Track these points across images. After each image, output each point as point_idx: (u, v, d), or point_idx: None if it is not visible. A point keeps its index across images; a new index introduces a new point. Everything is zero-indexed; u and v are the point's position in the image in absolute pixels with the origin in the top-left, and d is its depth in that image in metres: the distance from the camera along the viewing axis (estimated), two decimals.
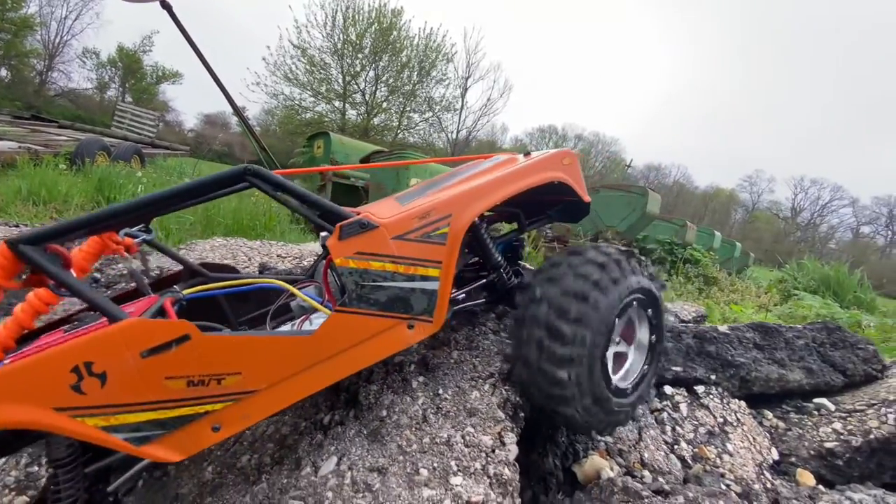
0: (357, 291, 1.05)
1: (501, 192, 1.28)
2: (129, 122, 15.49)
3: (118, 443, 0.88)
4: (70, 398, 0.84)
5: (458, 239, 1.15)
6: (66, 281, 0.91)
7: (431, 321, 1.12)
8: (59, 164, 7.36)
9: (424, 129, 25.88)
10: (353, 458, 1.10)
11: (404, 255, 1.09)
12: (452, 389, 1.23)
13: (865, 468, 1.72)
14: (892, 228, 44.44)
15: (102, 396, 0.86)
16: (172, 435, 0.92)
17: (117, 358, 0.86)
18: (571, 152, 1.57)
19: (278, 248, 3.73)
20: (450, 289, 1.15)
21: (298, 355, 1.00)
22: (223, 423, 0.96)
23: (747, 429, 1.89)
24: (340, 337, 1.04)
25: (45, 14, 25.56)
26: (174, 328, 0.91)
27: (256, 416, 1.00)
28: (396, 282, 1.08)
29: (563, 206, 1.75)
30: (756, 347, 2.11)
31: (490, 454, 1.04)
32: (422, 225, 1.12)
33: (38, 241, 0.90)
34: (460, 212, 1.18)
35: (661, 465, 1.57)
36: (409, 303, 1.09)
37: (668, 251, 9.41)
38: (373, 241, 1.07)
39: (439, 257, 1.13)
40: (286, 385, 1.00)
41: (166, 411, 0.91)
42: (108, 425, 0.87)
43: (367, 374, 1.42)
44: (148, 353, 0.88)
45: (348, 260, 1.05)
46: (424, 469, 1.01)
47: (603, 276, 1.20)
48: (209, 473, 1.37)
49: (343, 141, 11.01)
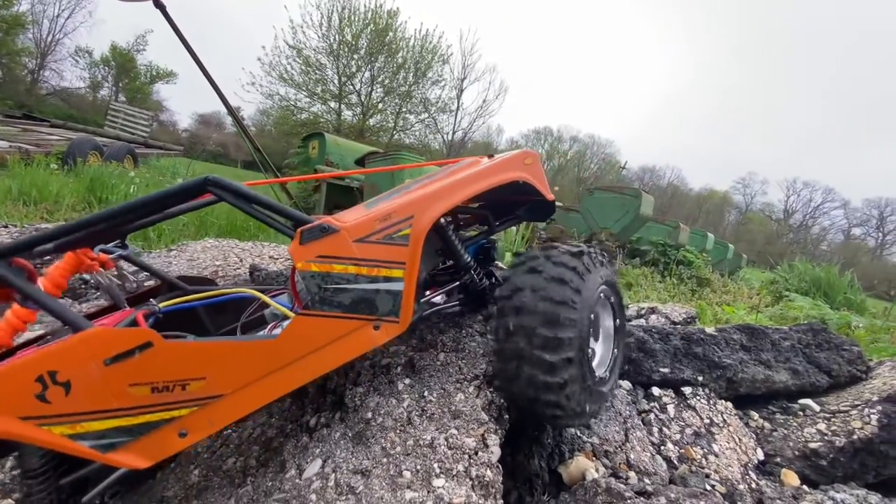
0: (320, 294, 1.05)
1: (463, 193, 1.29)
2: (122, 122, 15.39)
3: (84, 450, 0.88)
4: (35, 407, 0.85)
5: (420, 240, 1.16)
6: (30, 293, 0.92)
7: (398, 321, 1.12)
8: (50, 163, 7.31)
9: (420, 131, 25.91)
10: (337, 461, 1.10)
11: (367, 257, 1.09)
12: (437, 392, 1.23)
13: (849, 468, 1.74)
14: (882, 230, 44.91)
15: (67, 405, 0.86)
16: (139, 441, 0.92)
17: (81, 366, 0.87)
18: (533, 152, 1.59)
19: (270, 250, 3.72)
20: (414, 289, 1.15)
21: (263, 359, 1.00)
22: (189, 429, 0.96)
23: (733, 429, 1.90)
24: (305, 340, 1.04)
25: (36, 12, 25.38)
26: (136, 336, 0.91)
27: (222, 421, 1.00)
28: (360, 283, 1.08)
29: (530, 206, 1.78)
30: (743, 349, 2.13)
31: (473, 456, 1.04)
32: (383, 227, 1.13)
33: (4, 256, 0.92)
34: (421, 213, 1.18)
35: (646, 466, 1.58)
36: (374, 304, 1.10)
37: (661, 252, 9.46)
38: (334, 245, 1.07)
39: (402, 258, 1.13)
40: (252, 389, 1.00)
41: (131, 418, 0.91)
42: (74, 433, 0.88)
43: (354, 376, 1.42)
44: (111, 361, 0.88)
45: (310, 264, 1.05)
46: (407, 471, 1.01)
47: (579, 265, 1.23)
48: (195, 476, 1.37)
49: (338, 142, 11.00)
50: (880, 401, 1.83)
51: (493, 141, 36.79)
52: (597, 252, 1.37)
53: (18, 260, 0.94)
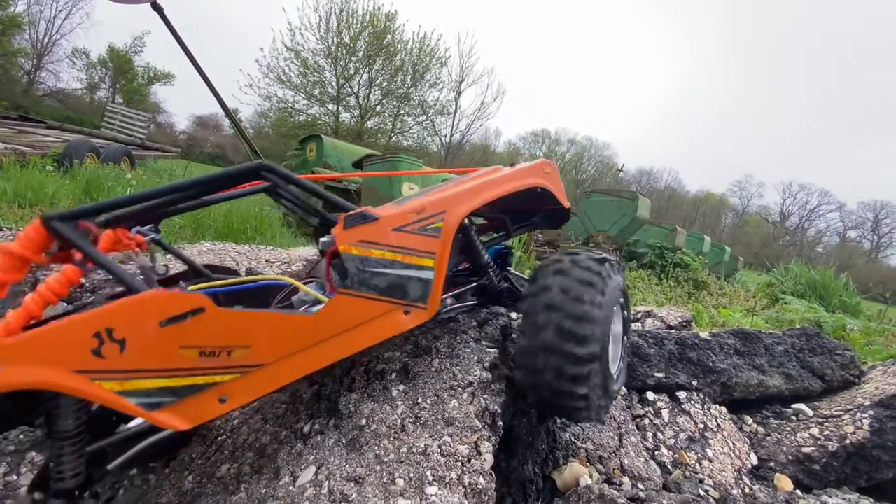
0: (359, 276, 1.12)
1: (489, 193, 1.41)
2: (119, 124, 15.35)
3: (131, 407, 0.92)
4: (90, 361, 0.88)
5: (451, 232, 1.26)
6: (93, 255, 0.96)
7: (426, 308, 1.20)
8: (46, 165, 7.27)
9: (418, 133, 25.94)
10: (331, 468, 1.10)
11: (402, 245, 1.18)
12: (432, 398, 1.24)
13: (841, 473, 1.75)
14: (878, 233, 45.13)
15: (120, 361, 0.90)
16: (182, 403, 0.96)
17: (137, 325, 0.92)
18: (552, 162, 1.70)
19: (266, 253, 3.71)
20: (443, 280, 1.23)
21: (303, 333, 1.07)
22: (230, 395, 1.00)
23: (727, 434, 1.91)
24: (342, 318, 1.11)
25: (33, 13, 25.31)
26: (191, 300, 0.96)
27: (261, 390, 1.05)
28: (395, 269, 1.17)
29: (545, 213, 1.87)
30: (737, 353, 2.15)
31: (466, 464, 1.04)
32: (418, 219, 1.23)
33: (71, 219, 0.96)
34: (452, 208, 1.29)
35: (640, 472, 1.58)
36: (406, 290, 1.18)
37: (658, 255, 9.50)
38: (374, 231, 1.16)
39: (434, 249, 1.22)
40: (290, 361, 1.05)
41: (178, 379, 0.95)
42: (123, 390, 0.91)
43: (348, 382, 1.43)
44: (166, 322, 0.93)
45: (351, 247, 1.13)
46: (401, 479, 1.01)
47: (603, 270, 1.32)
48: (189, 483, 1.37)
49: (335, 144, 11.01)
50: (872, 405, 1.85)
51: (491, 143, 36.88)
52: (615, 261, 1.44)
53: (85, 223, 0.97)
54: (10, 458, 1.55)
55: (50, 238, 0.95)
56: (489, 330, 1.61)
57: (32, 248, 0.95)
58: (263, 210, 6.61)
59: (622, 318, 1.54)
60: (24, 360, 0.85)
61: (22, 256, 0.95)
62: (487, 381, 1.31)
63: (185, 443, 1.57)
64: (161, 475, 1.49)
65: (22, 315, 1.04)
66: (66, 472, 1.00)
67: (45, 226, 0.94)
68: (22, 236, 0.96)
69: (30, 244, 0.95)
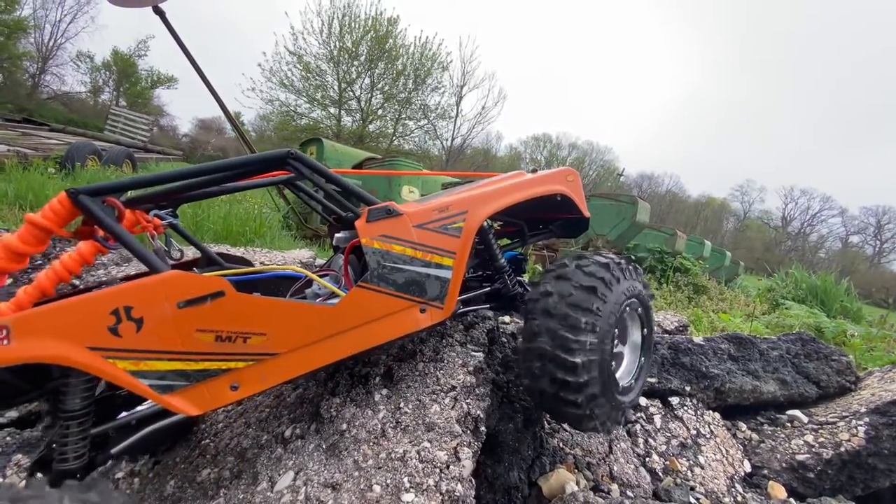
0: (378, 270, 1.12)
1: (511, 197, 1.40)
2: (122, 126, 15.43)
3: (143, 388, 0.91)
4: (106, 339, 0.88)
5: (472, 233, 1.26)
6: (117, 232, 0.95)
7: (442, 307, 1.20)
8: (48, 167, 7.29)
9: (419, 137, 25.96)
10: (309, 473, 1.08)
11: (423, 242, 1.19)
12: (413, 403, 1.22)
13: (837, 481, 1.72)
14: (880, 238, 44.88)
15: (136, 341, 0.90)
16: (194, 388, 0.95)
17: (156, 305, 0.91)
18: (574, 171, 1.68)
19: (262, 256, 3.69)
20: (461, 280, 1.23)
21: (320, 324, 1.06)
22: (241, 383, 0.99)
23: (720, 441, 1.89)
24: (360, 311, 1.11)
25: (38, 17, 25.46)
26: (211, 283, 0.95)
27: (273, 380, 1.04)
28: (414, 266, 1.17)
29: (563, 222, 1.85)
30: (731, 359, 2.12)
31: (444, 470, 1.02)
32: (441, 217, 1.23)
33: (97, 194, 0.95)
34: (475, 209, 1.30)
35: (630, 479, 1.56)
36: (424, 287, 1.18)
37: (658, 260, 9.45)
38: (396, 227, 1.16)
39: (454, 248, 1.22)
40: (304, 352, 1.05)
41: (192, 363, 0.95)
42: (137, 370, 0.90)
43: (332, 385, 1.41)
44: (184, 304, 0.93)
45: (373, 241, 1.13)
46: (377, 485, 0.99)
47: (608, 275, 1.29)
48: (171, 487, 1.35)
49: (336, 147, 11.01)
50: (868, 412, 1.82)
51: (493, 147, 36.85)
52: (626, 264, 1.40)
53: (110, 199, 0.96)
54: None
55: (74, 212, 0.95)
56: (475, 333, 1.59)
57: (56, 221, 0.94)
58: (263, 213, 6.60)
59: (639, 323, 1.49)
60: (38, 333, 0.84)
61: (45, 228, 0.94)
62: (471, 385, 1.29)
63: (187, 431, 1.55)
64: (144, 479, 1.48)
65: (34, 291, 1.04)
66: (69, 453, 0.99)
67: (71, 199, 0.93)
68: (46, 208, 0.95)
69: (54, 216, 0.94)
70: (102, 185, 0.96)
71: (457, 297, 1.23)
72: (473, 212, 1.28)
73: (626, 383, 1.40)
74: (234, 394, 0.99)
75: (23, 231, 0.95)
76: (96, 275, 2.64)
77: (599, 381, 1.23)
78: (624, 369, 1.47)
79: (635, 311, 1.45)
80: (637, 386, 1.47)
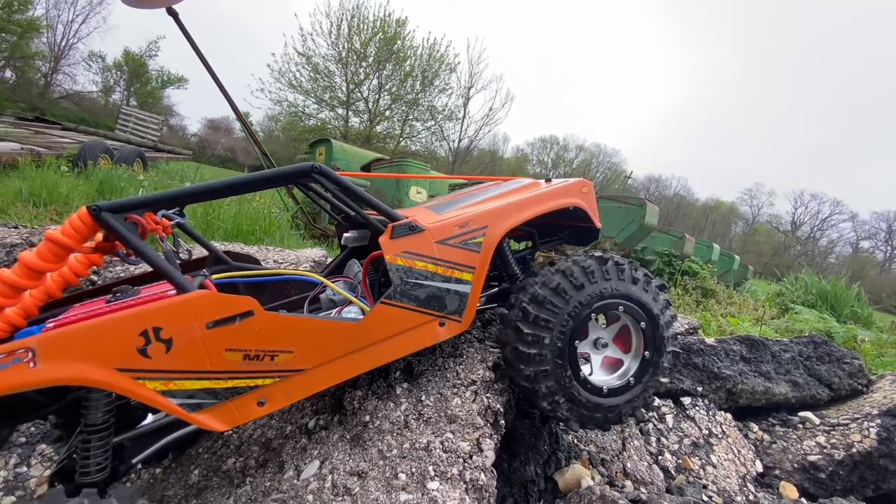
0: (401, 287, 1.15)
1: (530, 212, 1.42)
2: (132, 126, 15.60)
3: (173, 408, 0.92)
4: (135, 360, 0.89)
5: (491, 249, 1.29)
6: (142, 251, 0.95)
7: (461, 321, 1.23)
8: (61, 166, 7.40)
9: (426, 138, 26.03)
10: (334, 462, 1.12)
11: (444, 258, 1.22)
12: (435, 396, 1.25)
13: (848, 482, 1.73)
14: (891, 244, 44.36)
15: (166, 362, 0.91)
16: (222, 405, 0.97)
17: (185, 326, 0.92)
18: (589, 182, 1.71)
19: (275, 254, 3.74)
20: (479, 293, 1.26)
21: (344, 340, 1.09)
22: (268, 399, 1.02)
23: (732, 441, 1.90)
24: (382, 327, 1.13)
25: (51, 17, 25.80)
26: (240, 303, 0.97)
27: (298, 395, 1.06)
28: (435, 282, 1.20)
29: (574, 229, 1.88)
30: (743, 360, 2.13)
31: (467, 460, 1.05)
32: (462, 233, 1.26)
33: (119, 211, 0.95)
34: (494, 225, 1.32)
35: (643, 476, 1.58)
36: (444, 302, 1.21)
37: (666, 263, 9.42)
38: (419, 243, 1.19)
39: (473, 263, 1.25)
40: (328, 367, 1.07)
41: (221, 381, 0.96)
42: (167, 390, 0.92)
43: (353, 380, 1.44)
44: (213, 325, 0.94)
45: (396, 258, 1.16)
46: (403, 474, 1.02)
47: (580, 274, 1.29)
48: (195, 476, 1.39)
49: (344, 148, 11.07)
50: (880, 414, 1.83)
51: (499, 149, 36.88)
52: (617, 266, 1.36)
53: (133, 216, 0.97)
54: (20, 450, 1.58)
55: (95, 228, 0.94)
56: (493, 330, 1.62)
57: (76, 238, 0.93)
58: (272, 212, 6.67)
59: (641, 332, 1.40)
60: (65, 355, 0.84)
61: (65, 245, 0.92)
62: (490, 380, 1.32)
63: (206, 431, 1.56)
64: (167, 469, 1.52)
65: (40, 294, 1.03)
66: (91, 466, 1.00)
67: (93, 216, 0.92)
68: (67, 225, 0.94)
69: (74, 233, 0.93)
70: (125, 202, 0.96)
71: (475, 310, 1.26)
72: (493, 227, 1.31)
73: (615, 384, 1.36)
74: (261, 409, 1.01)
75: (41, 248, 0.93)
76: (114, 271, 2.69)
77: (555, 376, 1.25)
78: (620, 372, 1.42)
79: (634, 319, 1.38)
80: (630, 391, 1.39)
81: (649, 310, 1.38)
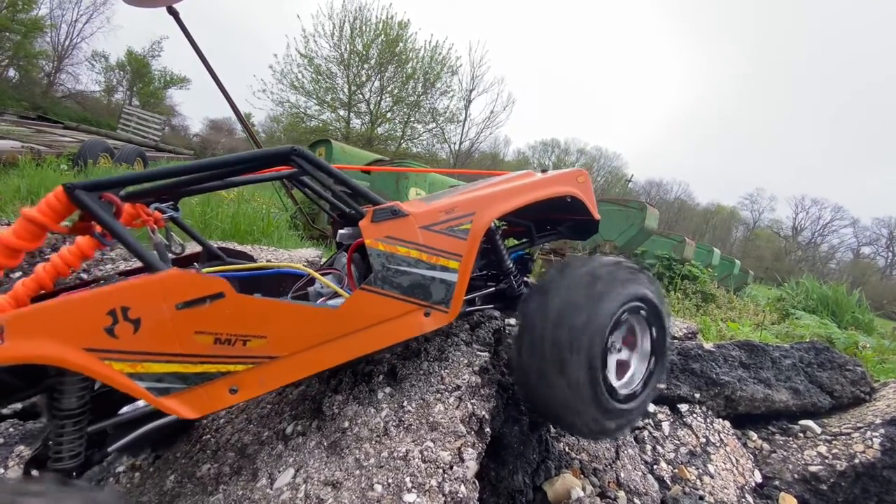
0: (382, 273, 1.10)
1: (520, 199, 1.36)
2: (134, 126, 15.63)
3: (140, 391, 0.89)
4: (102, 340, 0.85)
5: (479, 236, 1.23)
6: (114, 229, 0.92)
7: (447, 311, 1.18)
8: (61, 164, 7.38)
9: (428, 140, 26.03)
10: (309, 471, 1.07)
11: (429, 244, 1.16)
12: (417, 402, 1.20)
13: (850, 494, 1.67)
14: (892, 249, 44.17)
15: (133, 342, 0.87)
16: (192, 391, 0.93)
17: (154, 306, 0.89)
18: (585, 172, 1.65)
19: (268, 254, 3.70)
20: (467, 283, 1.21)
21: (321, 327, 1.04)
22: (240, 386, 0.98)
23: (730, 450, 1.84)
24: (362, 314, 1.08)
25: (55, 16, 25.90)
26: (211, 284, 0.93)
27: (272, 384, 1.02)
28: (419, 269, 1.15)
29: (572, 223, 1.80)
30: (742, 366, 2.08)
31: (447, 471, 1.00)
32: (447, 219, 1.21)
33: (95, 189, 0.93)
34: (482, 211, 1.26)
35: (637, 486, 1.52)
36: (429, 290, 1.16)
37: (666, 266, 9.35)
38: (402, 228, 1.14)
39: (460, 251, 1.20)
40: (305, 355, 1.03)
41: (190, 366, 0.93)
42: (134, 372, 0.88)
43: (335, 383, 1.39)
44: (183, 306, 0.91)
45: (378, 242, 1.11)
46: (379, 485, 0.97)
47: (605, 276, 1.25)
48: (170, 482, 1.34)
49: (345, 149, 11.05)
50: (884, 423, 1.77)
51: (501, 152, 36.83)
52: (624, 269, 1.33)
53: (108, 195, 0.94)
54: None
55: (71, 207, 0.92)
56: (481, 333, 1.57)
57: (52, 216, 0.92)
58: (271, 213, 6.64)
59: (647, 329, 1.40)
60: (33, 332, 0.82)
61: (41, 223, 0.92)
62: (476, 385, 1.27)
63: (186, 429, 1.53)
64: (145, 473, 1.47)
65: (32, 284, 1.02)
66: (65, 452, 0.97)
67: (67, 194, 0.90)
68: (42, 203, 0.92)
69: (50, 212, 0.92)
70: (100, 181, 0.94)
71: (462, 301, 1.20)
72: (481, 213, 1.25)
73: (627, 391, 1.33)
74: (233, 397, 0.97)
75: (18, 226, 0.93)
76: (104, 269, 2.65)
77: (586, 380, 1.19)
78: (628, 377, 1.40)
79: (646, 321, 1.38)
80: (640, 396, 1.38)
81: (658, 308, 1.37)
